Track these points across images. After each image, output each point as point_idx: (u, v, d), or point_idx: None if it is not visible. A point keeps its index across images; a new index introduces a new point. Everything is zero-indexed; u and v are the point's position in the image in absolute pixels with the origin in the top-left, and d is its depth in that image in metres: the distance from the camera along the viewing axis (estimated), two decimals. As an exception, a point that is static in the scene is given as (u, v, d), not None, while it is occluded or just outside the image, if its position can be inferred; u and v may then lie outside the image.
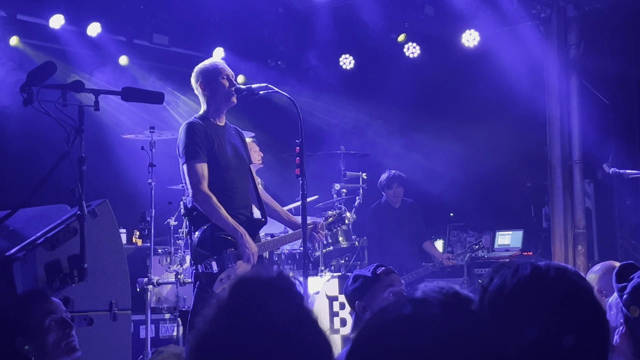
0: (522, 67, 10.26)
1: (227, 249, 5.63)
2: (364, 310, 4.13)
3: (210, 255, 5.59)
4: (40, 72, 4.60)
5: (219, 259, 5.59)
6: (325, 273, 8.37)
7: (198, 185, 5.65)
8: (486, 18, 10.36)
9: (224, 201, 5.71)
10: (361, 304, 4.15)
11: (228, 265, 5.60)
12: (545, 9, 9.93)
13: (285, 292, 1.76)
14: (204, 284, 5.56)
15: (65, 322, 3.65)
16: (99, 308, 4.93)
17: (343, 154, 9.35)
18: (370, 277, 4.21)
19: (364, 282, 4.21)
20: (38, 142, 8.99)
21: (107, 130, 10.04)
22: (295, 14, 11.40)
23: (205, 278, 5.56)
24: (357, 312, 4.16)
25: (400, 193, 9.40)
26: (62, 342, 3.63)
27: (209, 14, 10.60)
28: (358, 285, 4.22)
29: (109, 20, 10.10)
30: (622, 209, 8.97)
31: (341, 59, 11.73)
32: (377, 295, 4.12)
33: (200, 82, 5.92)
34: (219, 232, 5.65)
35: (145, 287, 8.30)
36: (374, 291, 4.14)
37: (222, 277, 5.58)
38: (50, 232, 4.78)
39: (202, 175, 5.67)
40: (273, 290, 1.75)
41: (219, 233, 5.65)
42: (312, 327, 1.74)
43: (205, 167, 5.70)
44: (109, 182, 9.60)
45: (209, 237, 5.65)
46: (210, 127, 5.83)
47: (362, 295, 4.16)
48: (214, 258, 5.58)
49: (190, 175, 5.68)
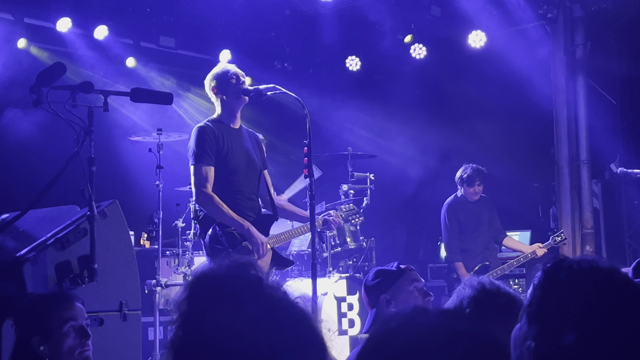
0: (529, 67, 10.26)
1: (242, 242, 5.73)
2: (389, 303, 4.15)
3: (226, 249, 5.67)
4: (50, 73, 4.61)
5: (234, 252, 5.66)
6: (333, 274, 8.37)
7: (201, 187, 5.78)
8: (492, 19, 10.36)
9: (230, 203, 5.80)
10: (386, 297, 4.16)
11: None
12: (551, 9, 9.93)
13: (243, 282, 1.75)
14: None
15: (84, 331, 3.67)
16: (109, 308, 4.92)
17: (350, 155, 9.35)
18: (395, 271, 4.23)
19: (388, 276, 4.22)
20: (47, 143, 9.01)
21: (115, 133, 10.05)
22: (301, 15, 11.40)
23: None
24: (381, 304, 4.17)
25: (480, 190, 8.97)
26: (76, 350, 3.65)
27: (215, 16, 10.61)
28: (381, 279, 4.23)
29: (116, 23, 10.11)
30: (629, 208, 8.97)
31: (347, 60, 11.72)
32: (403, 288, 4.15)
33: (214, 86, 6.04)
34: (230, 228, 5.74)
35: (154, 288, 8.31)
36: (400, 284, 4.17)
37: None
38: (60, 232, 4.78)
39: (206, 177, 5.78)
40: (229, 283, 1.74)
41: (230, 228, 5.74)
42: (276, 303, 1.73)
43: (211, 170, 5.80)
44: (116, 184, 9.61)
45: (221, 232, 5.77)
46: (222, 130, 5.92)
47: (387, 289, 4.17)
48: (229, 252, 5.66)
49: (195, 177, 5.82)
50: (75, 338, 3.64)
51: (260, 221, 5.93)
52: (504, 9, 10.14)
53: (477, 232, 8.88)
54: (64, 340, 3.61)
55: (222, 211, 5.72)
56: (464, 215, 8.93)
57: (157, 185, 8.37)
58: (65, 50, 10.16)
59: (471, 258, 8.73)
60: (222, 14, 10.54)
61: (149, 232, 9.08)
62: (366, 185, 9.22)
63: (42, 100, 4.55)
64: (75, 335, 3.64)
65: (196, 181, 5.80)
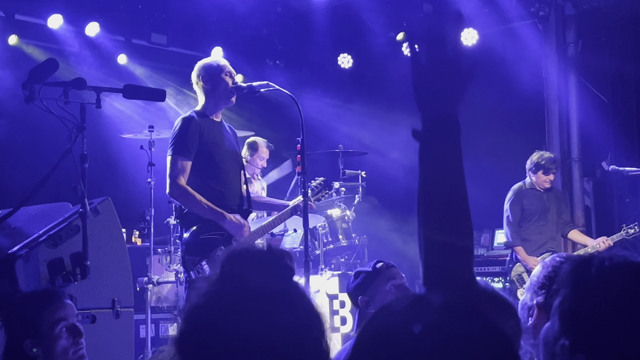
0: (521, 65, 10.27)
1: (217, 248, 5.65)
2: (367, 305, 4.15)
3: (201, 259, 5.60)
4: (42, 69, 4.59)
5: (209, 261, 5.60)
6: (325, 271, 8.37)
7: (175, 179, 5.69)
8: (485, 16, 10.36)
9: (216, 196, 5.76)
10: (364, 299, 4.17)
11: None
12: (543, 7, 9.95)
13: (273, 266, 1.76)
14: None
15: (76, 330, 3.63)
16: (102, 306, 4.92)
17: (342, 152, 9.35)
18: (371, 272, 4.22)
19: (365, 278, 4.23)
20: (39, 140, 8.98)
21: (106, 130, 10.03)
22: (293, 13, 11.39)
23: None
24: (361, 307, 4.17)
25: (553, 180, 8.70)
26: (70, 350, 3.61)
27: (207, 14, 10.58)
28: (360, 281, 4.24)
29: (107, 20, 10.07)
30: (621, 206, 8.99)
31: (339, 57, 11.71)
32: (379, 288, 4.14)
33: (202, 75, 5.95)
34: (204, 235, 5.67)
35: (145, 286, 8.29)
36: (376, 285, 4.16)
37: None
38: (53, 229, 4.77)
39: (181, 170, 5.69)
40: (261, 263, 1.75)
41: (204, 235, 5.67)
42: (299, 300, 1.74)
43: (188, 165, 5.72)
44: (108, 182, 9.58)
45: (196, 241, 5.66)
46: (206, 122, 5.86)
47: (365, 290, 4.17)
48: (204, 261, 5.59)
49: (171, 168, 5.73)
50: (68, 338, 3.61)
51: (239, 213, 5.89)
52: (496, 7, 10.15)
53: (542, 222, 8.64)
54: (56, 342, 3.57)
55: (195, 200, 5.64)
56: (529, 203, 8.67)
57: (149, 182, 8.35)
58: (57, 47, 10.12)
59: (535, 248, 8.50)
60: (214, 11, 10.52)
61: (141, 229, 9.07)
62: (358, 183, 9.23)
63: (34, 97, 4.53)
64: (68, 336, 3.61)
65: (171, 172, 5.71)
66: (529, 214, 8.63)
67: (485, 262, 10.36)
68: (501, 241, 10.57)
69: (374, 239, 9.88)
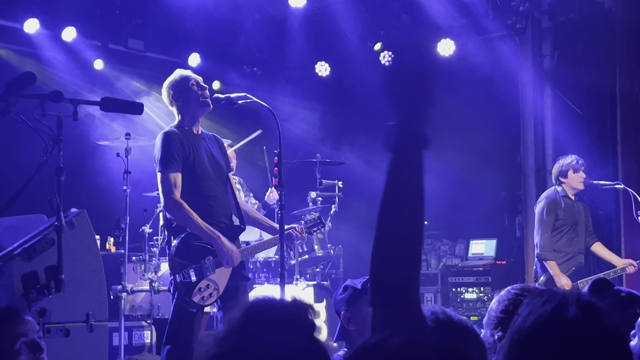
0: (497, 76, 10.33)
1: (206, 257, 5.64)
2: (349, 321, 4.12)
3: (189, 265, 5.60)
4: (19, 82, 4.55)
5: (197, 267, 5.61)
6: (300, 281, 8.37)
7: (169, 194, 5.67)
8: (462, 28, 10.42)
9: (203, 210, 5.73)
10: (347, 315, 4.13)
11: (207, 274, 5.62)
12: (520, 19, 10.01)
13: (297, 321, 1.74)
14: (183, 294, 5.57)
15: (37, 346, 3.59)
16: (76, 319, 4.89)
17: (319, 162, 9.35)
18: (359, 290, 4.15)
19: (352, 294, 4.18)
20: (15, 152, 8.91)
21: (82, 136, 9.96)
22: (271, 20, 11.40)
23: (184, 287, 5.57)
24: (343, 322, 4.15)
25: (585, 177, 8.43)
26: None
27: (184, 20, 10.55)
28: (346, 296, 4.20)
29: (84, 24, 10.02)
30: (594, 219, 9.04)
31: (317, 65, 11.71)
32: (362, 309, 4.08)
33: (173, 94, 5.94)
34: (197, 241, 5.67)
35: (119, 294, 8.25)
36: (360, 304, 4.10)
37: (200, 286, 5.59)
38: (28, 242, 4.74)
39: (174, 184, 5.67)
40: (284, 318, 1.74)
41: (197, 242, 5.67)
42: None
43: (178, 176, 5.71)
44: (83, 189, 9.55)
45: (187, 246, 5.67)
46: (186, 136, 5.84)
47: (349, 307, 4.14)
48: (192, 267, 5.59)
49: (163, 184, 5.71)
50: (29, 354, 3.57)
51: (229, 231, 5.87)
52: (473, 18, 10.21)
53: (573, 234, 8.47)
54: (17, 358, 3.53)
55: (192, 220, 5.64)
56: (563, 212, 8.44)
57: (124, 190, 8.30)
58: (33, 51, 10.06)
59: (563, 260, 8.34)
60: (192, 17, 10.49)
61: (116, 237, 9.02)
62: (334, 193, 9.23)
63: (10, 109, 4.49)
64: (29, 351, 3.57)
65: (164, 189, 5.69)
66: (561, 224, 8.45)
67: (460, 273, 10.42)
68: (476, 251, 10.63)
69: (349, 249, 9.90)
